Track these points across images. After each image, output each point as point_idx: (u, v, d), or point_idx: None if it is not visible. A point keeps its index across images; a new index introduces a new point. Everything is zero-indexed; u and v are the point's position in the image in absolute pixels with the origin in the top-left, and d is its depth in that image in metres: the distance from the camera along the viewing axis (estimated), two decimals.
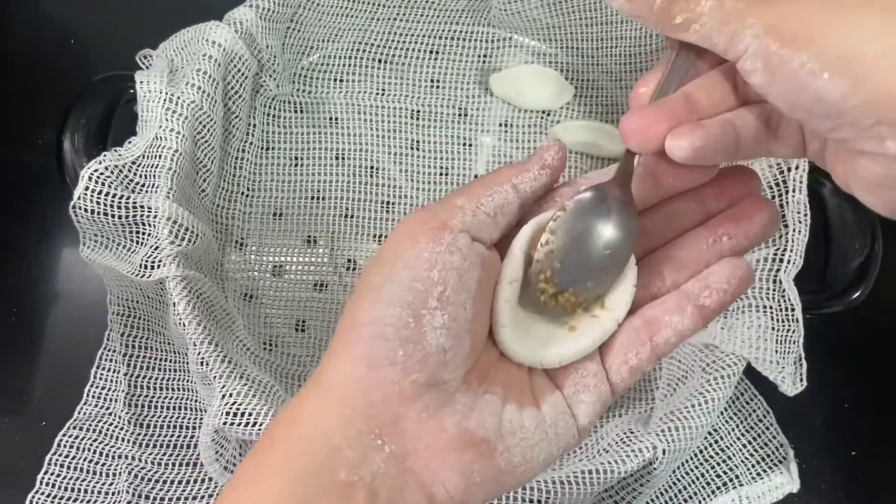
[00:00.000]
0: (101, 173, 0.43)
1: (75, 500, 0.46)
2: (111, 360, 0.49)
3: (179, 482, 0.46)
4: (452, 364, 0.25)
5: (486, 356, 0.27)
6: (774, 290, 0.43)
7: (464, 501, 0.25)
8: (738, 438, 0.49)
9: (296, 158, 0.56)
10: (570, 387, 0.27)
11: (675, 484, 0.47)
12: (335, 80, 0.59)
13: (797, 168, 0.43)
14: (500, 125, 0.58)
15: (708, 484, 0.47)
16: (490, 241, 0.27)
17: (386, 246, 0.26)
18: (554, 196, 0.29)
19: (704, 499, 0.47)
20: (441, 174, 0.56)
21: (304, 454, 0.24)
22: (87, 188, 0.43)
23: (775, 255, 0.43)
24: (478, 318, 0.26)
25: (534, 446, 0.26)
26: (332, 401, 0.24)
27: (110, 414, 0.48)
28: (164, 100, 0.46)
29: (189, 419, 0.48)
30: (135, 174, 0.45)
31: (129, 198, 0.44)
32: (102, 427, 0.48)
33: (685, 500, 0.47)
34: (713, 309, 0.28)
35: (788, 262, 0.43)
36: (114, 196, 0.44)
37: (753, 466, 0.48)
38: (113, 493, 0.46)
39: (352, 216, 0.55)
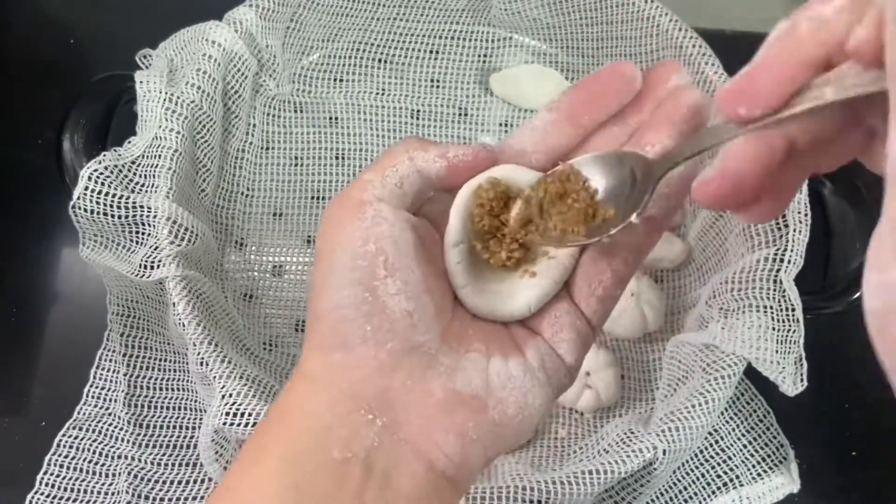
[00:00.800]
0: (101, 173, 0.43)
1: (75, 501, 0.46)
2: (111, 361, 0.49)
3: (179, 482, 0.46)
4: (422, 325, 0.25)
5: (459, 319, 0.27)
6: (774, 290, 0.43)
7: (464, 462, 0.25)
8: (739, 439, 0.49)
9: (296, 158, 0.56)
10: (547, 329, 0.27)
11: (675, 484, 0.47)
12: (335, 80, 0.59)
13: None
14: (501, 125, 0.58)
15: (708, 484, 0.47)
16: (405, 209, 0.26)
17: (319, 240, 0.26)
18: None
19: (705, 499, 0.47)
20: None
21: (297, 437, 0.24)
22: (86, 188, 0.43)
23: (775, 255, 0.43)
24: (430, 279, 0.26)
25: (527, 393, 0.26)
26: (318, 388, 0.25)
27: (110, 414, 0.48)
28: (164, 99, 0.46)
29: (189, 419, 0.48)
30: (134, 174, 0.45)
31: (128, 198, 0.44)
32: (102, 427, 0.48)
33: (685, 501, 0.47)
34: (660, 217, 0.27)
35: (788, 262, 0.43)
36: (113, 196, 0.44)
37: (754, 467, 0.48)
38: (112, 494, 0.46)
39: None
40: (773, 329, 0.42)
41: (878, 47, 0.17)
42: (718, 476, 0.48)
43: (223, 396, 0.39)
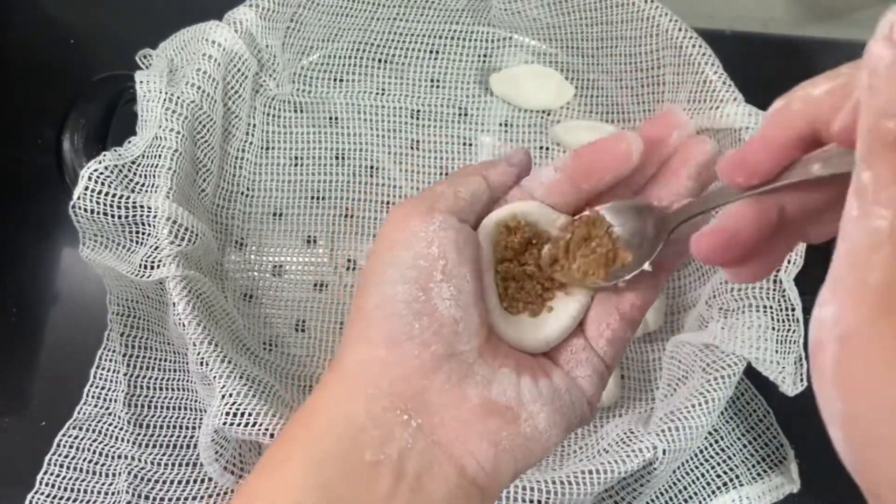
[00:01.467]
0: (101, 173, 0.43)
1: (75, 501, 0.46)
2: (111, 360, 0.49)
3: (179, 482, 0.46)
4: (465, 335, 0.26)
5: (495, 336, 0.27)
6: (774, 290, 0.43)
7: (494, 471, 0.25)
8: (739, 438, 0.49)
9: (296, 158, 0.56)
10: (565, 364, 0.28)
11: (675, 484, 0.47)
12: (335, 80, 0.59)
13: None
14: (501, 125, 0.58)
15: (708, 484, 0.47)
16: (468, 221, 0.28)
17: (380, 237, 0.27)
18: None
19: (705, 499, 0.47)
20: (441, 174, 0.56)
21: (328, 438, 0.24)
22: (86, 188, 0.43)
23: None
24: (479, 294, 0.27)
25: (555, 412, 0.26)
26: (354, 384, 0.25)
27: (110, 414, 0.48)
28: (164, 99, 0.46)
29: (189, 419, 0.48)
30: (134, 174, 0.45)
31: (128, 198, 0.44)
32: (102, 427, 0.48)
33: (685, 500, 0.47)
34: (668, 262, 0.28)
35: (788, 261, 0.43)
36: (113, 196, 0.44)
37: (754, 466, 0.48)
38: (113, 494, 0.46)
39: (352, 216, 0.55)
40: (773, 329, 0.42)
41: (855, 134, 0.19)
42: (718, 476, 0.48)
43: (223, 396, 0.39)
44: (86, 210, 0.43)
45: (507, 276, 0.28)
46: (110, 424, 0.48)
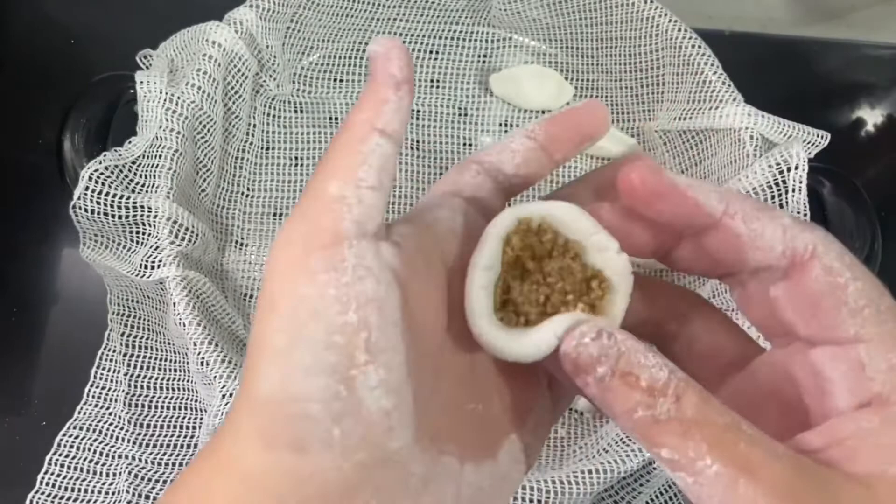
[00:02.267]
0: (102, 173, 0.43)
1: (75, 500, 0.46)
2: (111, 360, 0.49)
3: None
4: (399, 427, 0.19)
5: (433, 403, 0.21)
6: None
7: None
8: None
9: (296, 158, 0.56)
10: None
11: (674, 483, 0.47)
12: (335, 80, 0.59)
13: (797, 168, 0.43)
14: (500, 125, 0.58)
15: None
16: (381, 219, 0.20)
17: (274, 284, 0.19)
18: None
19: None
20: (441, 174, 0.57)
21: None
22: (87, 188, 0.43)
23: None
24: (411, 352, 0.20)
25: None
26: (252, 494, 0.18)
27: (110, 414, 0.48)
28: (164, 100, 0.46)
29: (189, 419, 0.48)
30: (135, 174, 0.45)
31: (129, 198, 0.44)
32: (102, 427, 0.48)
33: (685, 500, 0.47)
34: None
35: None
36: (114, 196, 0.44)
37: None
38: (113, 493, 0.46)
39: None
40: None
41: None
42: None
43: (223, 396, 0.39)
44: (86, 210, 0.43)
45: (512, 286, 0.22)
46: (111, 424, 0.48)
